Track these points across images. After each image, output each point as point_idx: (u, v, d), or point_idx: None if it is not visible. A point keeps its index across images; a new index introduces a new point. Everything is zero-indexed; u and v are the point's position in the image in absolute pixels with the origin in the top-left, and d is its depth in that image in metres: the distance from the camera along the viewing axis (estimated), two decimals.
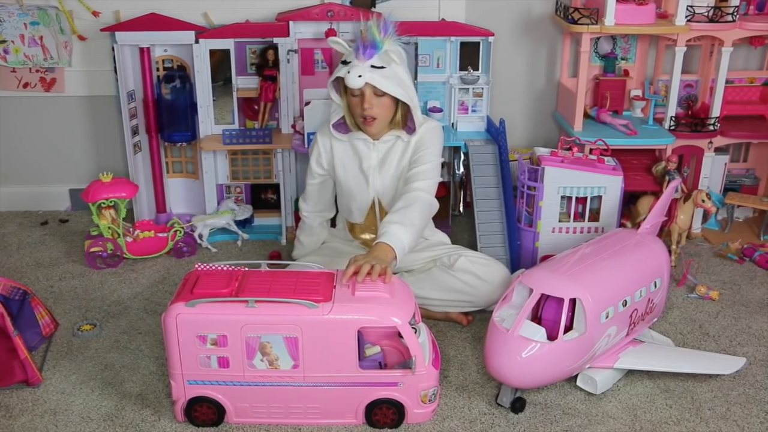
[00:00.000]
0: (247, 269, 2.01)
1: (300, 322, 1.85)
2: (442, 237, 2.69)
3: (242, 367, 1.89)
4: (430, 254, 2.57)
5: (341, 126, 2.48)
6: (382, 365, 1.97)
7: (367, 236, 2.61)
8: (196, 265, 2.01)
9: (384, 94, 2.32)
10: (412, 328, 1.91)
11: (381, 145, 2.47)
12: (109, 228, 2.82)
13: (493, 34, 3.01)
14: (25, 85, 3.20)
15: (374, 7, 2.52)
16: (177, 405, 1.96)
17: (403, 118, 2.43)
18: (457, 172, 3.14)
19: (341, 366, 1.90)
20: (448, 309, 2.47)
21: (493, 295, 2.41)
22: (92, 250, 2.83)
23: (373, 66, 2.28)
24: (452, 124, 3.08)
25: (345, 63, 2.31)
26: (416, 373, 1.91)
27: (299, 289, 1.90)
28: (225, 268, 2.00)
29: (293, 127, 3.01)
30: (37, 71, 3.18)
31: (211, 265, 2.01)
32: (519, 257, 2.74)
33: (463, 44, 3.02)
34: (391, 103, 2.37)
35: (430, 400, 1.98)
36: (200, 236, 3.00)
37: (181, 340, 1.87)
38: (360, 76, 2.27)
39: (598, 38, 3.13)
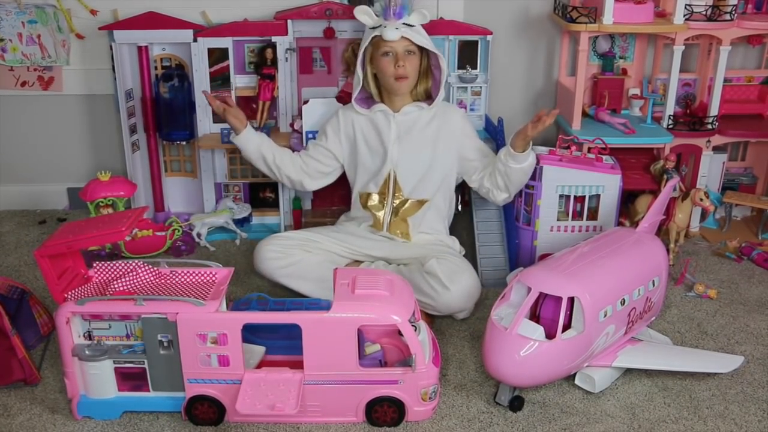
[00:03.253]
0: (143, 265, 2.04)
1: (302, 320, 1.86)
2: (450, 241, 2.68)
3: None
4: (422, 251, 2.56)
5: (362, 101, 2.61)
6: (382, 363, 1.97)
7: (375, 211, 2.65)
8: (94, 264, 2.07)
9: (413, 52, 2.50)
10: (412, 325, 1.91)
11: (401, 117, 2.58)
12: None
13: (491, 33, 3.01)
14: (23, 84, 3.20)
15: (372, 5, 2.54)
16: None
17: (424, 86, 2.61)
18: None
19: (341, 364, 1.90)
20: None
21: (453, 304, 2.38)
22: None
23: (404, 24, 2.46)
24: None
25: (373, 29, 2.48)
26: (416, 371, 1.92)
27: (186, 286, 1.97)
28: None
29: (291, 125, 3.01)
30: (35, 70, 3.18)
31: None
32: (517, 256, 2.74)
33: (461, 43, 3.02)
34: (418, 65, 2.54)
35: (430, 398, 1.98)
36: (198, 235, 3.00)
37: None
38: (397, 28, 2.45)
39: (597, 37, 3.13)
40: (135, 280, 2.01)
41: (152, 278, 2.03)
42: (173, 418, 1.99)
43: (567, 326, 2.02)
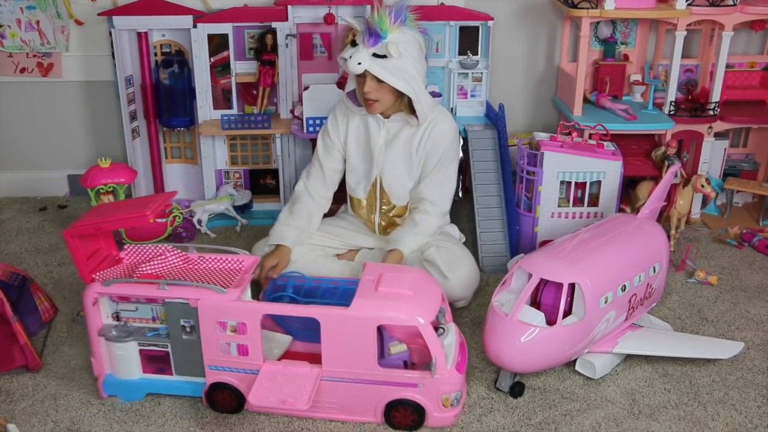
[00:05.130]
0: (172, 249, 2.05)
1: (321, 315, 1.83)
2: (453, 230, 2.66)
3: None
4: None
5: (354, 97, 2.50)
6: (408, 364, 1.92)
7: (366, 217, 2.63)
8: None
9: (384, 81, 2.32)
10: (440, 327, 1.86)
11: (390, 124, 2.49)
12: None
13: (492, 19, 2.99)
14: (22, 71, 3.19)
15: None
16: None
17: (410, 103, 2.42)
18: None
19: (360, 362, 1.85)
20: None
21: (453, 293, 2.38)
22: None
23: (375, 54, 2.28)
24: (451, 109, 3.08)
25: (354, 44, 2.33)
26: (436, 376, 1.84)
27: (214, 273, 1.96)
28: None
29: (292, 112, 3.00)
30: (34, 56, 3.16)
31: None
32: (518, 242, 2.74)
33: (462, 29, 3.01)
34: (394, 90, 2.36)
35: (452, 405, 1.90)
36: (199, 222, 3.00)
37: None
38: (360, 63, 2.29)
39: (598, 22, 3.11)
40: (163, 264, 2.00)
41: (180, 263, 2.02)
42: (174, 404, 2.00)
43: (568, 312, 2.02)
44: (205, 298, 1.86)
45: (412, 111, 2.43)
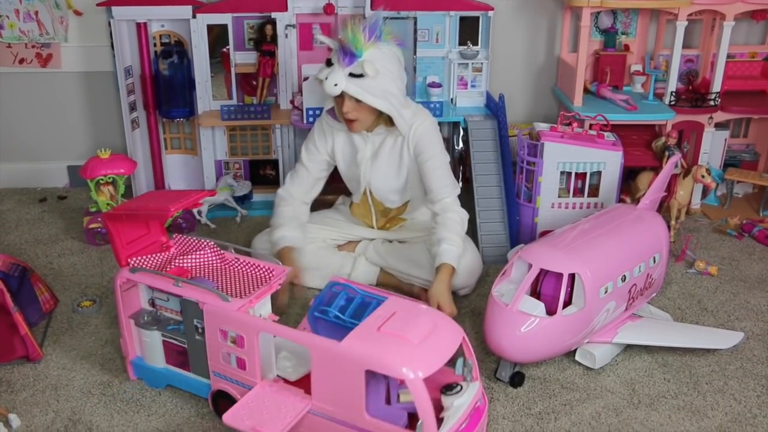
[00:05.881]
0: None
1: (311, 346, 1.69)
2: None
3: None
4: (420, 231, 2.59)
5: (334, 114, 2.45)
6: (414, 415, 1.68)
7: (364, 216, 2.64)
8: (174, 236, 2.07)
9: (362, 101, 2.27)
10: (456, 385, 1.69)
11: (375, 137, 2.46)
12: (107, 204, 2.82)
13: (492, 9, 2.98)
14: (21, 61, 3.18)
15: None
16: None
17: (391, 118, 2.36)
18: (456, 147, 3.13)
19: (347, 406, 1.67)
20: (415, 282, 2.48)
21: (457, 282, 2.39)
22: (91, 226, 2.83)
23: (351, 74, 2.23)
24: (451, 99, 3.07)
25: (329, 64, 2.27)
26: None
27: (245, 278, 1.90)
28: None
29: (292, 102, 2.99)
30: (33, 47, 3.16)
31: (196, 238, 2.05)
32: (518, 233, 2.74)
33: (462, 19, 3.00)
34: (372, 108, 2.31)
35: None
36: (199, 212, 3.00)
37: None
38: (336, 84, 2.24)
39: (599, 12, 3.10)
40: (198, 259, 1.97)
41: (215, 261, 1.98)
42: (174, 394, 2.01)
43: (568, 303, 2.03)
44: (210, 303, 1.81)
45: (391, 123, 2.38)
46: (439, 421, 1.64)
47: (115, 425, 1.92)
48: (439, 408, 1.67)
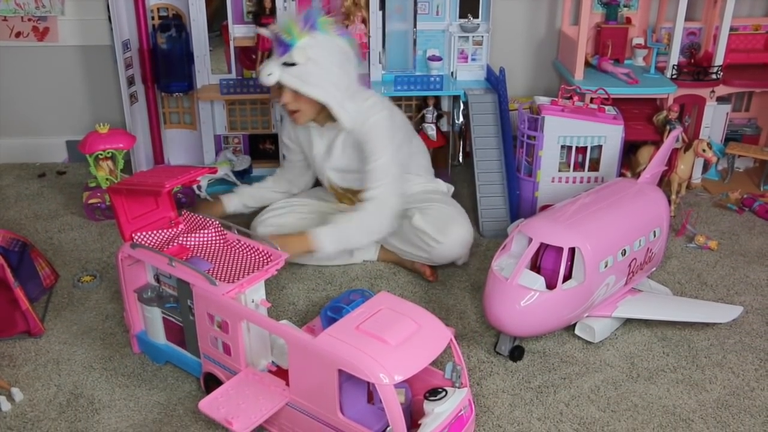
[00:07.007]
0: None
1: (288, 337, 1.65)
2: (437, 185, 2.65)
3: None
4: (407, 201, 2.51)
5: None
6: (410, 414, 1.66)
7: (339, 199, 2.64)
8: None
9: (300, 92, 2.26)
10: (440, 391, 1.61)
11: (327, 132, 2.46)
12: (107, 179, 2.81)
13: None
14: (18, 35, 3.15)
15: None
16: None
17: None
18: (456, 121, 3.12)
19: (322, 403, 1.62)
20: (412, 259, 2.47)
21: (448, 255, 2.39)
22: (90, 201, 2.83)
23: (285, 63, 2.22)
24: (452, 72, 3.05)
25: (269, 55, 2.29)
26: None
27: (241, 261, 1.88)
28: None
29: None
30: (29, 20, 3.13)
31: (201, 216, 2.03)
32: (518, 207, 2.74)
33: None
34: (313, 99, 2.29)
35: None
36: (198, 187, 2.99)
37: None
38: (270, 74, 2.24)
39: None
40: (201, 238, 1.95)
41: (217, 240, 1.96)
42: (175, 369, 2.02)
43: (567, 277, 2.03)
44: (199, 285, 1.79)
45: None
46: (417, 426, 1.58)
47: (116, 399, 1.93)
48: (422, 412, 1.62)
